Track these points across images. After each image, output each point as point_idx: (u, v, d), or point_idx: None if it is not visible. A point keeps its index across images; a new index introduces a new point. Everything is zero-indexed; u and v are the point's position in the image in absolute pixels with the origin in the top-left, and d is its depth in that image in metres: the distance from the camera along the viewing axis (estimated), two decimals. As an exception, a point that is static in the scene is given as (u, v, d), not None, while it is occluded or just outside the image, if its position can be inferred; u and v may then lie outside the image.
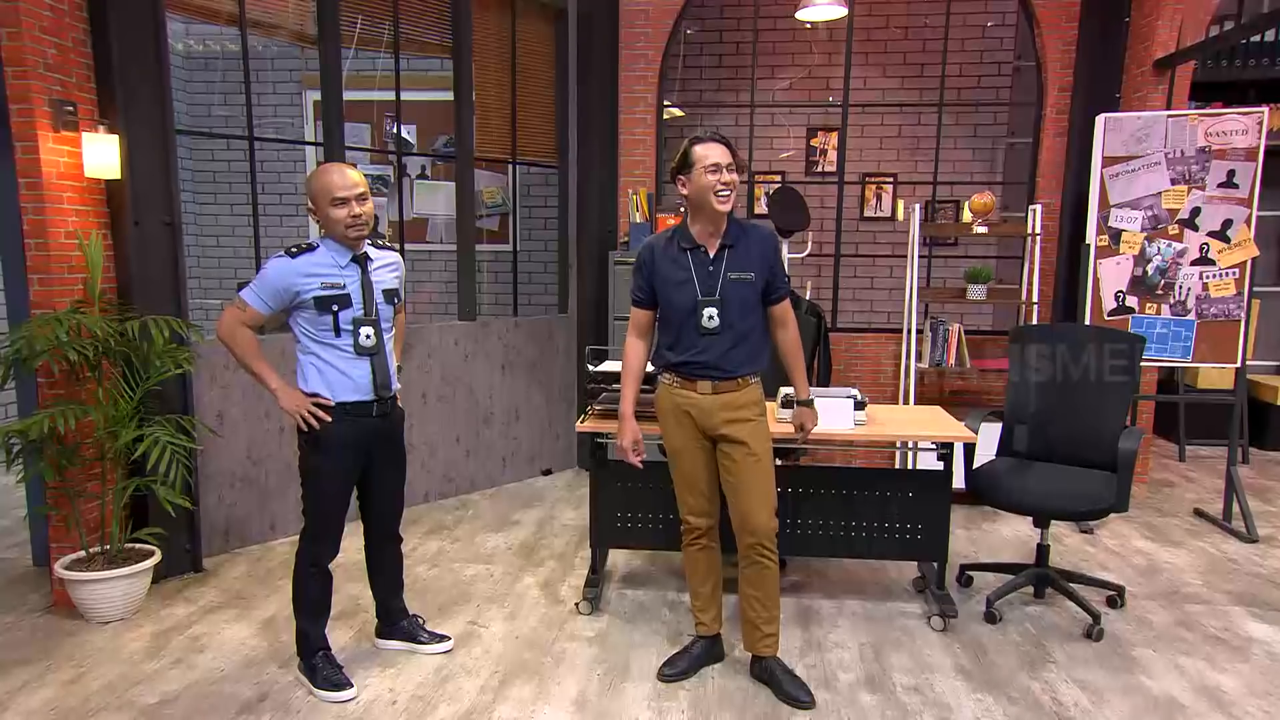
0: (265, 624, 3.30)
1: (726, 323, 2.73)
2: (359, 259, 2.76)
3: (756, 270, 2.74)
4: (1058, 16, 5.21)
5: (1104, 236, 4.61)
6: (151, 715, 2.67)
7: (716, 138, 2.68)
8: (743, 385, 2.78)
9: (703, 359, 2.75)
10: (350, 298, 2.72)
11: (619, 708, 2.74)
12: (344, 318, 2.72)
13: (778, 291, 2.81)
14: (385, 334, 2.82)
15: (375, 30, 4.48)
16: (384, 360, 2.80)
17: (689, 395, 2.80)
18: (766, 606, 2.85)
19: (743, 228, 2.78)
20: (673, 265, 2.76)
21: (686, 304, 2.74)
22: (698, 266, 2.74)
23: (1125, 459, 3.18)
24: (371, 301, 2.77)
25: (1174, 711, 2.76)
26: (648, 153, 5.60)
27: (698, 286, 2.73)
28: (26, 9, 3.13)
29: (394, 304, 2.87)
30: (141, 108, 3.48)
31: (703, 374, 2.77)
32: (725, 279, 2.72)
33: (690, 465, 2.88)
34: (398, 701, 2.76)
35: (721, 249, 2.74)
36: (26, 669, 2.96)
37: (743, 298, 2.74)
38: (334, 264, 2.72)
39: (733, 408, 2.77)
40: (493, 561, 3.93)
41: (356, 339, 2.73)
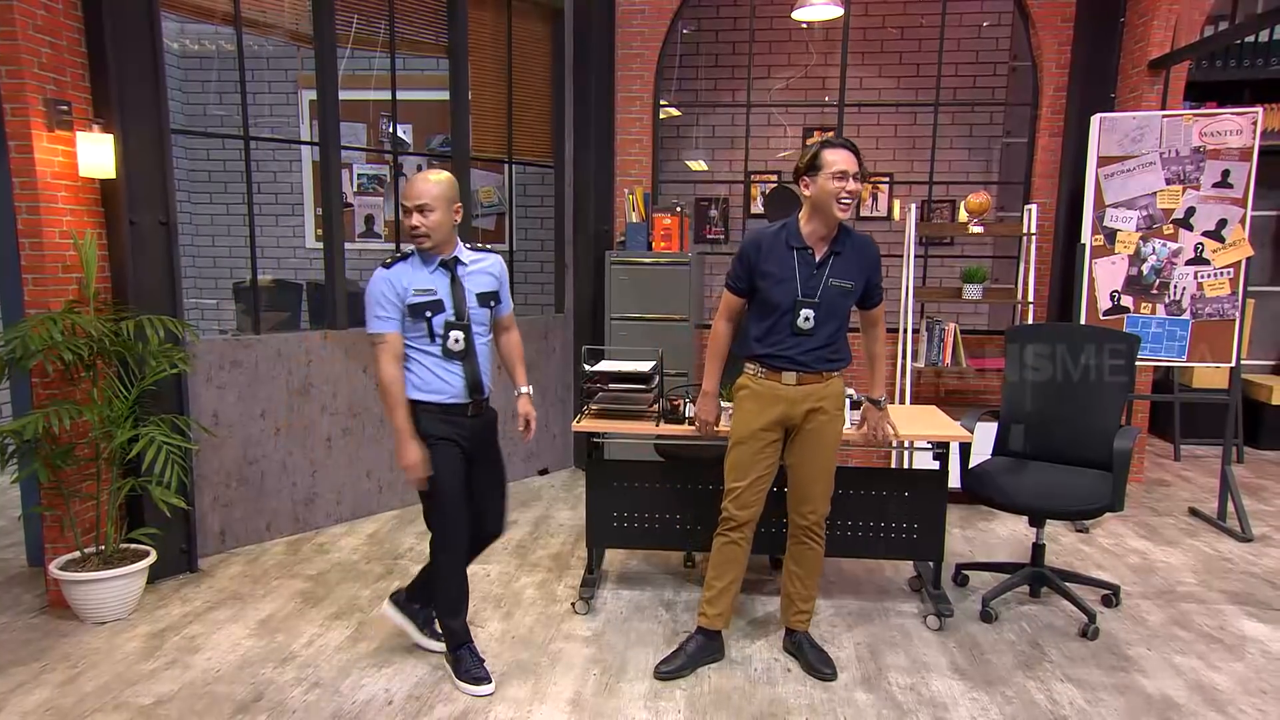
0: (261, 624, 3.30)
1: (820, 325, 2.82)
2: (448, 264, 2.78)
3: (856, 279, 2.83)
4: (1053, 17, 5.21)
5: (1099, 236, 4.62)
6: (147, 716, 2.67)
7: (847, 145, 2.73)
8: (826, 378, 2.89)
9: (791, 355, 2.84)
10: (442, 303, 2.76)
11: (615, 707, 2.74)
12: (437, 323, 2.76)
13: (874, 298, 2.94)
14: (480, 337, 2.84)
15: (371, 29, 4.48)
16: (474, 363, 2.83)
17: (773, 385, 2.88)
18: (807, 585, 3.01)
19: (850, 236, 2.85)
20: (778, 262, 2.82)
21: (785, 302, 2.81)
22: (802, 267, 2.81)
23: (1121, 458, 3.18)
24: (463, 305, 2.79)
25: (1169, 710, 2.76)
26: (644, 152, 5.60)
27: (799, 287, 2.80)
28: (20, 8, 3.11)
29: (489, 306, 2.87)
30: (136, 107, 3.47)
31: (789, 367, 2.86)
32: (827, 284, 2.80)
33: (750, 455, 2.92)
34: (394, 702, 2.76)
35: (829, 254, 2.82)
36: (21, 670, 2.95)
37: (839, 304, 2.83)
38: (424, 270, 2.77)
39: (815, 399, 2.87)
40: (489, 561, 3.93)
41: (445, 343, 2.77)
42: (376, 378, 2.82)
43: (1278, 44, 6.03)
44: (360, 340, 4.38)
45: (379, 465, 4.55)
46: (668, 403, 3.39)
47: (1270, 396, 6.08)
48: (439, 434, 2.81)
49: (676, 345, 4.87)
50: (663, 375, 3.48)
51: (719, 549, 3.00)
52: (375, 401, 4.47)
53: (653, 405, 3.34)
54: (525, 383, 3.06)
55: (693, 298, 5.10)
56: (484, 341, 2.88)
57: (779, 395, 2.87)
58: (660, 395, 3.41)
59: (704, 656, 3.01)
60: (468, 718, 2.67)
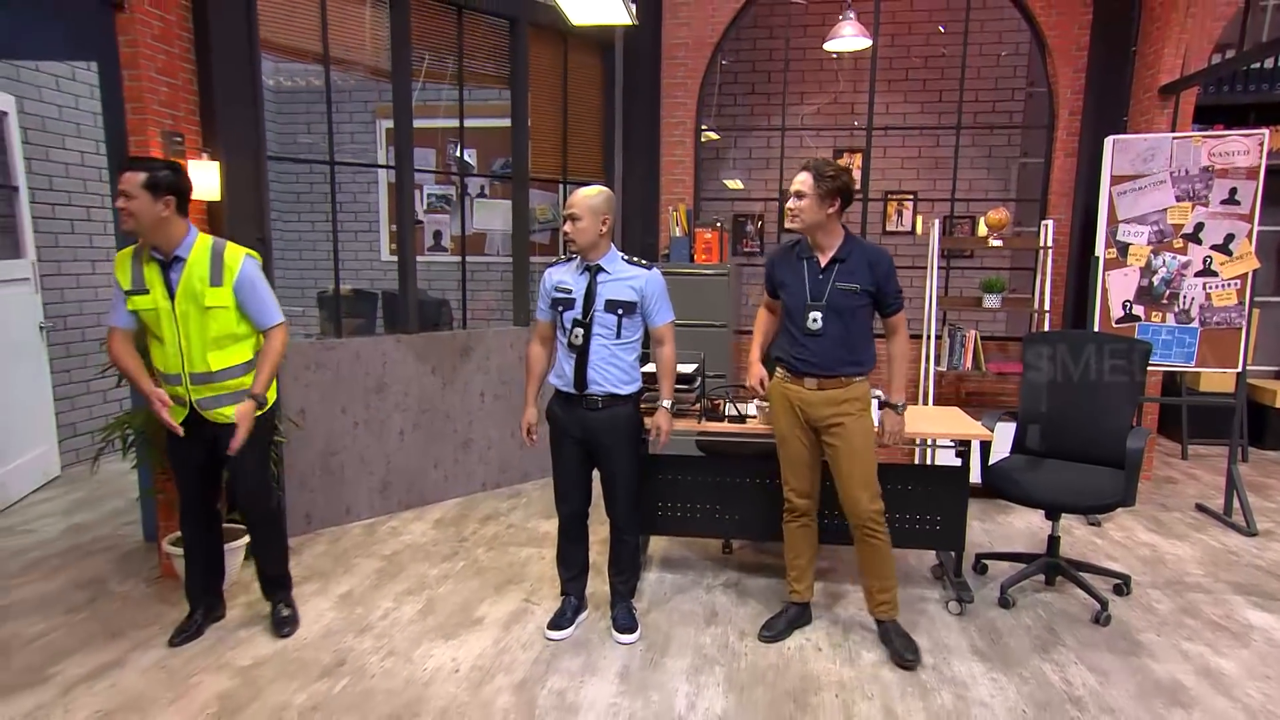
0: (342, 598, 3.37)
1: (828, 325, 2.83)
2: (591, 269, 2.88)
3: (862, 282, 2.81)
4: (1069, 45, 5.13)
5: (1112, 249, 4.54)
6: (245, 676, 2.75)
7: (806, 166, 2.81)
8: (846, 383, 2.87)
9: (807, 357, 2.87)
10: (575, 301, 2.88)
11: (659, 680, 2.76)
12: (566, 318, 2.90)
13: (890, 305, 2.89)
14: (602, 338, 2.88)
15: (441, 64, 4.56)
16: (586, 360, 2.88)
17: (797, 390, 2.92)
18: (879, 576, 2.97)
19: (860, 246, 2.86)
20: (791, 272, 2.92)
21: (797, 305, 2.88)
22: (810, 274, 2.87)
23: (1132, 457, 3.13)
24: (590, 307, 2.86)
25: (1177, 693, 2.72)
26: (686, 172, 5.62)
27: (808, 291, 2.86)
28: (145, 54, 3.24)
29: (617, 314, 2.87)
30: (238, 137, 3.59)
31: (809, 371, 2.88)
32: (833, 287, 2.82)
33: (794, 450, 3.00)
34: (460, 670, 2.81)
35: (833, 261, 2.84)
36: (139, 632, 3.06)
37: (845, 305, 2.82)
38: (573, 272, 2.91)
39: (836, 403, 2.87)
40: (544, 545, 3.97)
41: (569, 337, 2.88)
42: (527, 349, 3.12)
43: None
44: (430, 342, 4.47)
45: (445, 458, 4.62)
46: (709, 402, 3.41)
47: (1274, 400, 5.92)
48: (554, 414, 3.01)
49: (716, 349, 4.89)
50: (704, 377, 3.50)
51: (790, 532, 3.12)
52: (442, 399, 4.55)
53: (695, 404, 3.36)
54: (667, 396, 3.01)
55: (731, 305, 5.11)
56: (605, 343, 2.88)
57: (802, 398, 2.91)
58: (702, 395, 3.43)
59: (799, 621, 3.13)
60: (526, 686, 2.71)
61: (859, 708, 2.61)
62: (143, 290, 2.73)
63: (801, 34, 6.41)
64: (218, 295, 2.75)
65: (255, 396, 2.82)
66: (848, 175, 2.81)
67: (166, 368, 2.79)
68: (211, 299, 2.74)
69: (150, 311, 2.74)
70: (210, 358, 2.78)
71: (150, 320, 2.75)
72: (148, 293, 2.73)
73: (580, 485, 3.05)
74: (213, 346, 2.78)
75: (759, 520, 3.50)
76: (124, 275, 2.75)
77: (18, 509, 4.39)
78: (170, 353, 2.76)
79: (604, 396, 2.90)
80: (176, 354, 2.76)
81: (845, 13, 5.21)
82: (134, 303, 2.74)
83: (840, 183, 2.77)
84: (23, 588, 3.44)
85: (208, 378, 2.79)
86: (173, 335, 2.74)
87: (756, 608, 3.31)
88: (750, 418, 3.34)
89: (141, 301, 2.73)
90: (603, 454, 2.97)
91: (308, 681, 2.73)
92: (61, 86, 5.01)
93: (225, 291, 2.76)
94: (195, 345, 2.75)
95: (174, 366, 2.77)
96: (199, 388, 2.79)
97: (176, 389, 2.80)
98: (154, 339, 2.79)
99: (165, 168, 2.69)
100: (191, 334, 2.75)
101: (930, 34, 6.43)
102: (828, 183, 2.75)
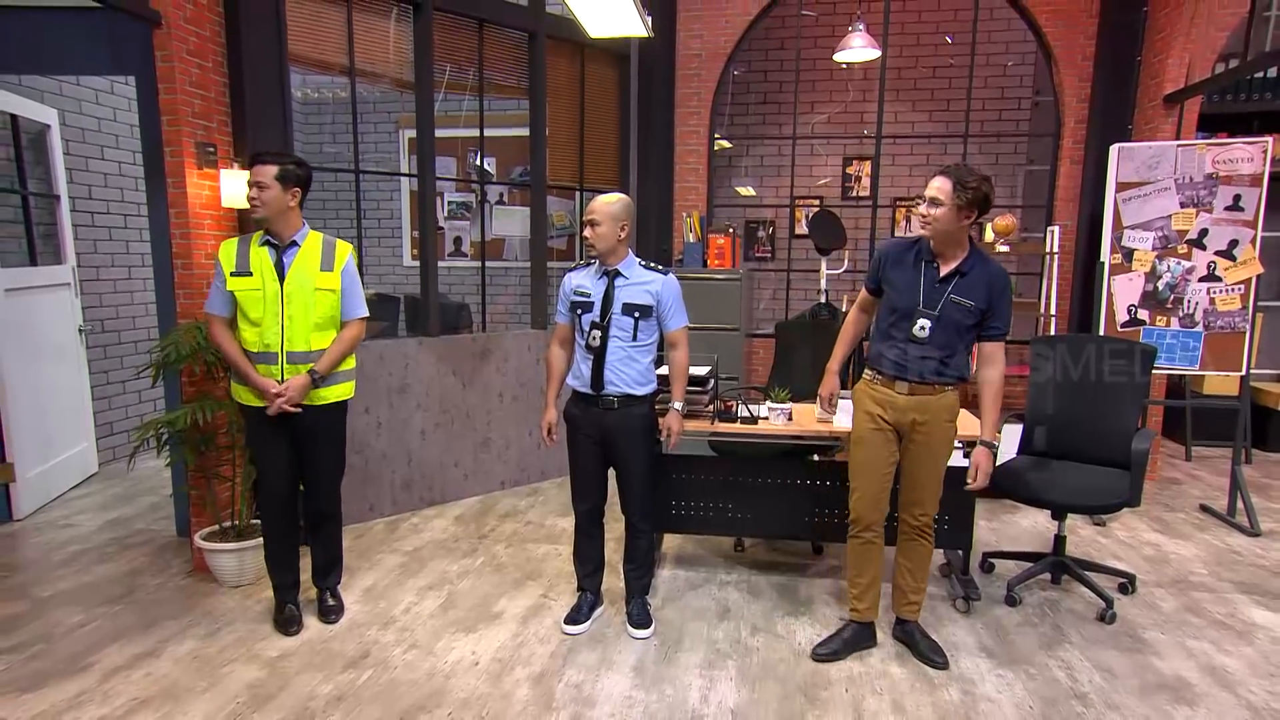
0: (366, 592, 3.39)
1: (934, 335, 2.67)
2: (609, 273, 2.90)
3: (977, 300, 2.64)
4: (1074, 55, 5.11)
5: (1117, 255, 4.51)
6: (273, 667, 2.78)
7: (944, 171, 2.62)
8: (938, 391, 2.73)
9: (904, 362, 2.71)
10: (593, 304, 2.89)
11: (673, 674, 2.77)
12: (584, 320, 2.91)
13: (993, 330, 2.69)
14: (618, 341, 2.88)
15: (461, 76, 4.59)
16: (603, 361, 2.89)
17: (887, 393, 2.76)
18: (916, 578, 2.90)
19: (983, 262, 2.68)
20: (903, 272, 2.73)
21: (907, 307, 2.70)
22: (927, 279, 2.69)
23: (1138, 458, 3.11)
24: (608, 311, 2.88)
25: (1182, 690, 2.70)
26: (700, 180, 5.63)
27: (921, 297, 2.68)
28: (180, 68, 3.28)
29: (633, 317, 2.88)
30: (268, 147, 3.60)
31: (903, 376, 2.72)
32: (948, 299, 2.66)
33: (869, 455, 2.82)
34: (480, 663, 2.82)
35: (955, 272, 2.66)
36: (173, 623, 3.09)
37: (957, 320, 2.65)
38: (591, 276, 2.93)
39: (924, 410, 2.73)
40: (560, 542, 3.98)
41: (587, 339, 2.90)
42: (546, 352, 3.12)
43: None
44: (450, 345, 4.49)
45: (465, 456, 4.65)
46: (721, 404, 3.41)
47: (1277, 403, 5.85)
48: (571, 414, 3.02)
49: (729, 352, 4.89)
50: (718, 379, 3.51)
51: (854, 549, 2.90)
52: (462, 399, 4.58)
53: (709, 405, 3.36)
54: (678, 399, 3.00)
55: (743, 309, 5.11)
56: (622, 346, 2.88)
57: (892, 402, 2.75)
58: (715, 397, 3.43)
59: (859, 644, 2.93)
60: (544, 679, 2.72)
61: (868, 703, 2.61)
62: (246, 272, 2.83)
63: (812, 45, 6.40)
64: (328, 279, 2.91)
65: (315, 372, 2.90)
66: (988, 185, 2.61)
67: (265, 346, 2.85)
68: (322, 282, 2.89)
69: (253, 293, 2.83)
70: (312, 338, 2.89)
71: (249, 301, 2.83)
72: (251, 275, 2.82)
73: (597, 483, 3.06)
74: (314, 328, 2.90)
75: (770, 519, 3.50)
76: (228, 258, 2.84)
77: (58, 504, 4.45)
78: (270, 332, 2.84)
79: (620, 397, 2.91)
80: (277, 333, 2.84)
81: (855, 24, 5.20)
82: (234, 283, 2.82)
83: (981, 193, 2.57)
84: (64, 579, 3.49)
85: (305, 357, 2.89)
86: (275, 316, 2.83)
87: (768, 604, 3.31)
88: (762, 419, 3.34)
89: (243, 283, 2.83)
90: (618, 453, 2.98)
91: (333, 672, 2.75)
92: (101, 100, 5.09)
93: (335, 276, 2.92)
94: (299, 325, 2.86)
95: (273, 345, 2.85)
96: (295, 367, 2.88)
97: (271, 368, 2.87)
98: (247, 322, 2.86)
99: (293, 162, 2.87)
100: (296, 315, 2.85)
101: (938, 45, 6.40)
102: (969, 193, 2.55)
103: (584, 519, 3.10)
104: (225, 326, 2.89)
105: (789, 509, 3.47)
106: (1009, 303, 2.70)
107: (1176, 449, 5.91)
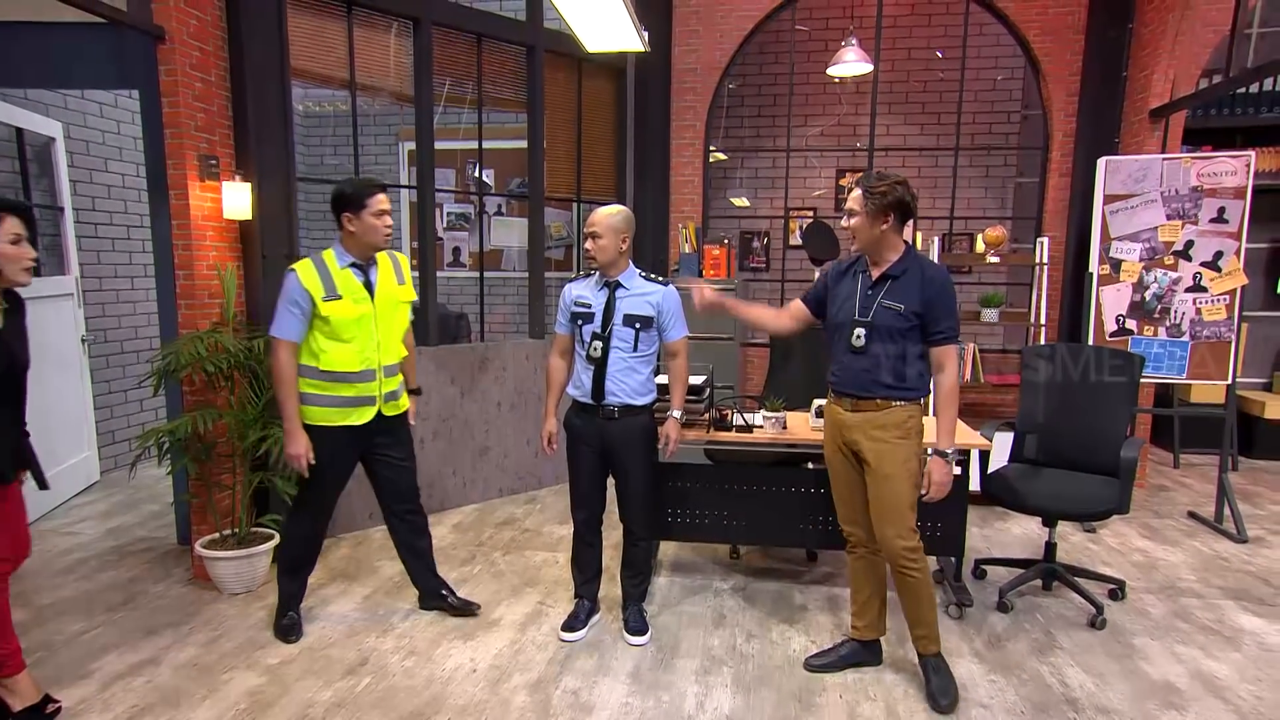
0: (365, 599, 3.38)
1: (871, 344, 2.56)
2: (610, 284, 2.89)
3: (908, 302, 2.51)
4: (1062, 71, 5.14)
5: (1105, 266, 4.52)
6: (274, 674, 2.76)
7: (856, 181, 2.59)
8: (882, 407, 2.57)
9: (843, 376, 2.63)
10: (594, 316, 2.88)
11: (670, 680, 2.76)
12: (585, 331, 2.89)
13: (936, 334, 2.53)
14: (620, 351, 2.87)
15: (460, 89, 4.60)
16: (604, 372, 2.87)
17: (837, 411, 2.69)
18: (912, 611, 2.68)
19: (918, 264, 2.55)
20: (845, 285, 2.67)
21: (844, 320, 2.63)
22: (861, 288, 2.61)
23: (1126, 466, 3.12)
24: (609, 321, 2.87)
25: (1171, 695, 2.69)
26: (695, 191, 5.64)
27: (856, 306, 2.60)
28: (184, 82, 3.28)
29: (634, 328, 2.87)
30: (269, 160, 3.62)
31: (846, 392, 2.63)
32: (879, 305, 2.55)
33: (834, 475, 2.78)
34: (477, 670, 2.81)
35: (884, 278, 2.57)
36: (173, 631, 3.08)
37: (889, 326, 2.53)
38: (592, 287, 2.92)
39: (871, 427, 2.59)
40: (558, 549, 3.97)
41: (588, 349, 2.89)
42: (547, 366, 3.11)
43: (1268, 94, 5.87)
44: (449, 354, 4.48)
45: (463, 464, 4.63)
46: (717, 412, 3.41)
47: (1263, 411, 5.87)
48: (572, 423, 3.00)
49: (724, 361, 4.89)
50: (713, 388, 3.50)
51: (850, 565, 2.85)
52: (460, 407, 4.57)
53: (704, 414, 3.36)
54: (677, 407, 3.00)
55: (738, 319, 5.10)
56: (623, 356, 2.87)
57: (839, 420, 2.68)
58: (710, 405, 3.43)
59: (855, 659, 2.84)
60: (541, 686, 2.71)
61: (862, 708, 2.60)
62: (336, 296, 2.79)
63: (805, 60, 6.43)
64: (405, 291, 2.99)
65: (416, 390, 2.99)
66: (902, 188, 2.51)
67: (364, 364, 2.84)
68: (402, 295, 2.97)
69: (347, 315, 2.80)
70: (397, 349, 2.95)
71: (344, 323, 2.79)
72: (341, 298, 2.80)
73: (596, 492, 3.05)
74: (397, 339, 2.96)
75: (765, 526, 3.50)
76: (314, 285, 2.78)
77: (60, 512, 4.42)
78: (367, 349, 2.85)
79: (620, 407, 2.90)
80: (374, 350, 2.86)
81: (847, 39, 5.23)
82: (327, 308, 2.77)
83: (892, 198, 2.49)
84: (65, 587, 3.46)
85: (394, 369, 2.95)
86: (369, 333, 2.84)
87: (763, 611, 3.30)
88: (757, 428, 3.34)
89: (337, 307, 2.79)
90: (618, 461, 2.97)
91: (333, 679, 2.73)
92: (105, 113, 5.09)
93: (409, 288, 3.01)
94: (389, 340, 2.91)
95: (370, 361, 2.85)
96: (389, 380, 2.92)
97: (368, 386, 2.86)
98: (337, 343, 2.81)
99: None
100: (386, 330, 2.90)
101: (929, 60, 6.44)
102: (876, 198, 2.49)
103: (583, 527, 3.09)
104: (294, 354, 2.80)
105: (783, 516, 3.47)
106: (950, 303, 2.52)
107: (1165, 457, 5.92)
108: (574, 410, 3.00)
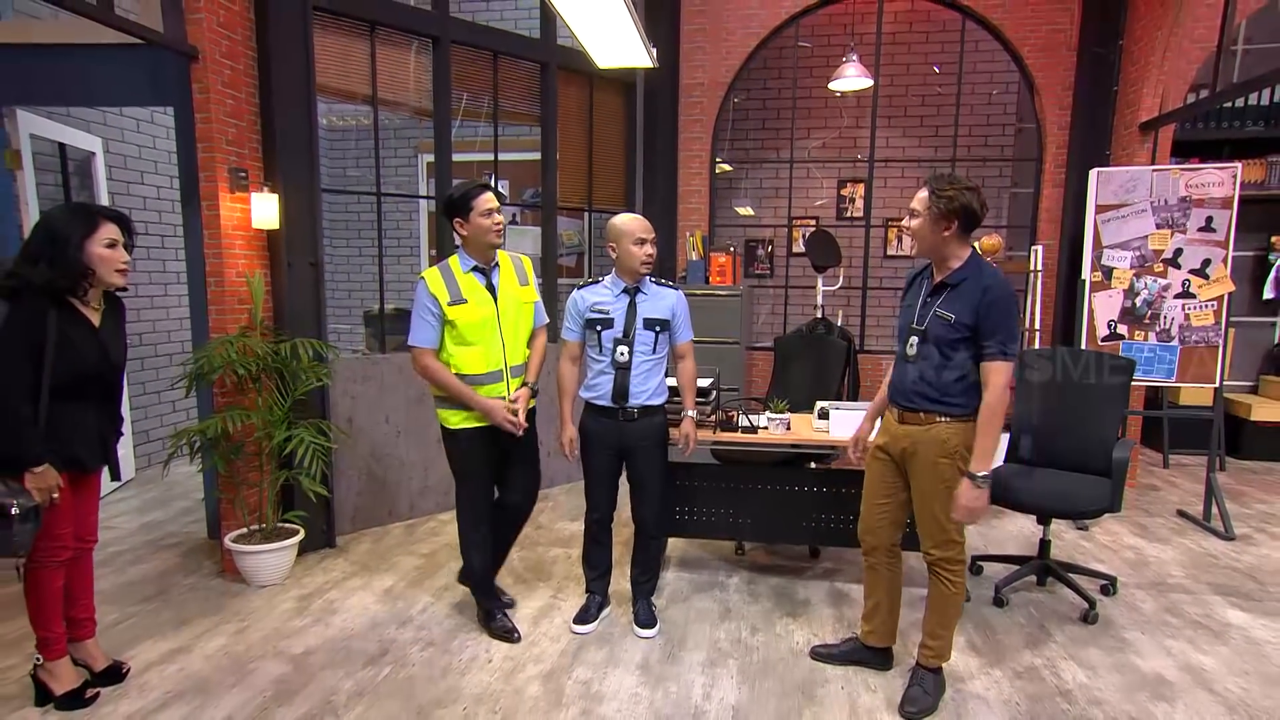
0: (386, 592, 3.39)
1: (921, 355, 2.39)
2: (629, 290, 2.88)
3: (958, 314, 2.31)
4: (1055, 85, 5.13)
5: (1097, 273, 4.51)
6: (297, 663, 2.78)
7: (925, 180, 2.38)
8: (925, 421, 2.40)
9: (895, 382, 2.51)
10: (614, 321, 2.85)
11: (677, 671, 2.76)
12: (605, 337, 2.86)
13: (985, 348, 2.29)
14: (642, 354, 2.86)
15: (477, 104, 4.62)
16: (627, 375, 2.85)
17: (889, 419, 2.56)
18: (929, 620, 2.55)
19: (979, 274, 2.32)
20: (915, 290, 2.50)
21: (903, 327, 2.49)
22: (923, 295, 2.44)
23: (1118, 466, 3.11)
24: (632, 326, 2.85)
25: (1161, 687, 2.68)
26: (702, 200, 5.65)
27: (915, 314, 2.44)
28: (216, 99, 3.31)
29: (655, 331, 2.87)
30: (295, 172, 3.63)
31: (896, 401, 2.50)
32: (933, 314, 2.37)
33: (868, 480, 2.65)
34: (493, 660, 2.81)
35: (942, 285, 2.37)
36: (204, 621, 3.10)
37: (939, 336, 2.34)
38: (609, 294, 2.89)
39: (912, 440, 2.44)
40: (570, 545, 3.97)
41: (613, 355, 2.85)
42: (556, 372, 3.01)
43: (1254, 108, 5.85)
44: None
45: (481, 462, 4.63)
46: (723, 414, 3.41)
47: (1249, 413, 5.83)
48: (588, 427, 2.95)
49: (730, 365, 4.89)
50: (720, 390, 3.50)
51: (865, 570, 2.73)
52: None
53: (711, 415, 3.36)
54: (691, 406, 3.00)
55: (743, 324, 5.11)
56: (646, 359, 2.87)
57: (890, 429, 2.55)
58: (717, 407, 3.43)
59: (856, 658, 2.78)
60: (554, 676, 2.71)
61: (862, 700, 2.59)
62: (462, 300, 2.78)
63: (808, 75, 6.43)
64: (528, 293, 2.94)
65: (534, 386, 2.93)
66: (971, 194, 2.28)
67: (490, 366, 2.82)
68: (525, 296, 2.92)
69: (472, 318, 2.78)
70: (523, 350, 2.92)
71: (470, 326, 2.77)
72: (467, 302, 2.78)
73: (611, 492, 3.04)
74: (522, 340, 2.92)
75: (769, 524, 3.49)
76: (440, 290, 2.77)
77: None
78: (493, 352, 2.82)
79: (640, 408, 2.89)
80: (499, 352, 2.83)
81: (848, 55, 5.24)
82: (454, 312, 2.76)
83: (958, 203, 2.27)
84: (102, 579, 3.47)
85: (521, 370, 2.92)
86: (495, 335, 2.82)
87: (767, 605, 3.29)
88: (762, 429, 3.34)
89: (462, 311, 2.76)
90: (637, 464, 2.96)
91: (354, 669, 2.75)
92: (141, 129, 5.13)
93: (531, 289, 2.96)
94: (514, 341, 2.87)
95: (496, 363, 2.82)
96: (516, 380, 2.89)
97: (497, 387, 2.84)
98: (464, 346, 2.79)
99: None
100: (511, 331, 2.86)
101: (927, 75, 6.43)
102: (943, 201, 2.28)
103: (596, 527, 3.08)
104: (436, 358, 2.80)
105: (787, 514, 3.46)
106: (1004, 317, 2.27)
107: (1155, 457, 5.88)
108: (590, 414, 2.96)
